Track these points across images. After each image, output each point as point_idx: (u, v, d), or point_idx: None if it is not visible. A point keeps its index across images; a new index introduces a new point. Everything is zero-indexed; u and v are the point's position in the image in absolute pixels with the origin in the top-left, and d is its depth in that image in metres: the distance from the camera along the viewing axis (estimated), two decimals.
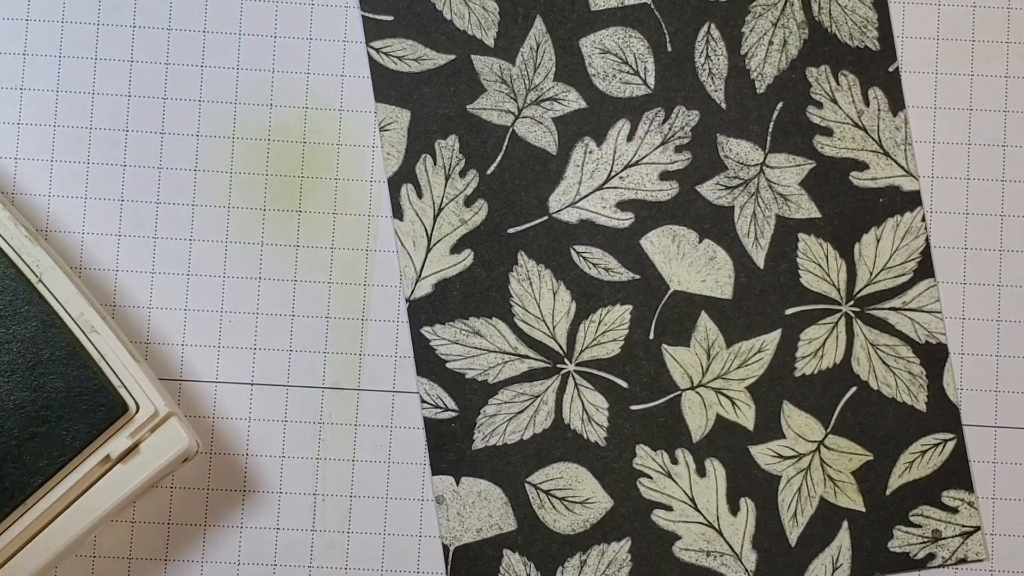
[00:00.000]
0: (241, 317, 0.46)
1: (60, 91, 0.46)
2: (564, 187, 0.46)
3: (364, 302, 0.46)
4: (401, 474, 0.45)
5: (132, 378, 0.42)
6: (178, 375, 0.46)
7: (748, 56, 0.46)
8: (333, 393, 0.46)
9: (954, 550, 0.45)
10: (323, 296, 0.46)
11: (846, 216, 0.46)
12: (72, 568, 0.45)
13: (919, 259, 0.46)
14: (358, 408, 0.45)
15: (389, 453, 0.45)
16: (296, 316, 0.46)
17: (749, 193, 0.46)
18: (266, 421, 0.45)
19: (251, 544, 0.45)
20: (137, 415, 0.42)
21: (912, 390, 0.45)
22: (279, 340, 0.46)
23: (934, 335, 0.46)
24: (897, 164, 0.46)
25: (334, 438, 0.45)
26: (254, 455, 0.45)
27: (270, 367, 0.46)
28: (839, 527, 0.45)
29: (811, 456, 0.45)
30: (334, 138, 0.46)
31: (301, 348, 0.46)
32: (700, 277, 0.46)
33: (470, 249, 0.46)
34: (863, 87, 0.46)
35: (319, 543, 0.45)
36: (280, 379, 0.46)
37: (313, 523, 0.45)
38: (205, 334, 0.46)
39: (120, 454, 0.42)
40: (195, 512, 0.45)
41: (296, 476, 0.45)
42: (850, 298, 0.46)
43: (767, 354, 0.46)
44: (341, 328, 0.46)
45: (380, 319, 0.46)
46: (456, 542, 0.45)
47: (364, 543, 0.45)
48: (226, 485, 0.45)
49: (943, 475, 0.45)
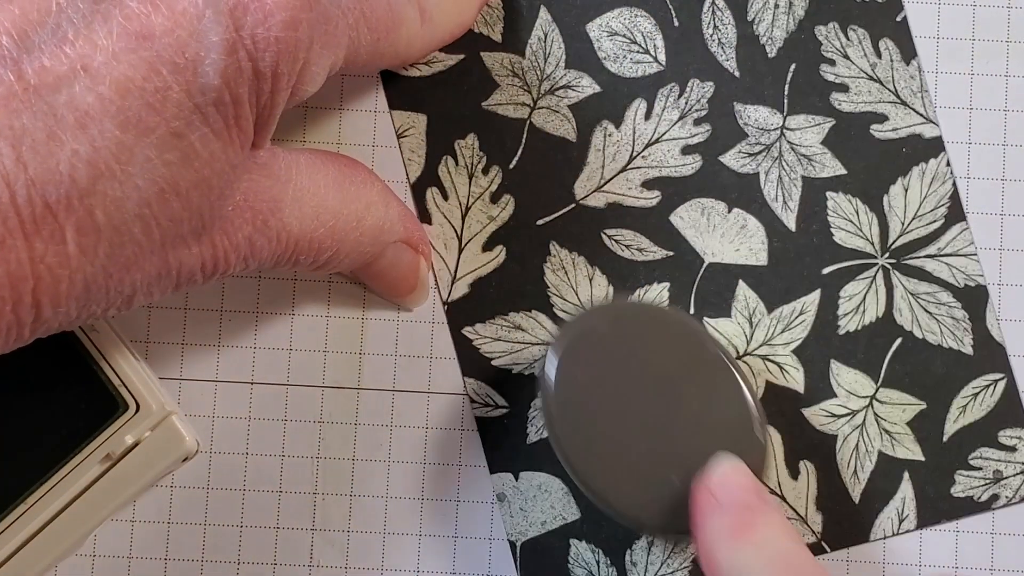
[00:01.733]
0: (241, 316, 0.46)
1: None
2: (588, 173, 0.46)
3: (364, 301, 0.46)
4: (401, 474, 0.45)
5: (132, 377, 0.42)
6: (178, 374, 0.45)
7: (755, 22, 0.46)
8: (333, 392, 0.45)
9: (1017, 488, 0.45)
10: (323, 295, 0.46)
11: (871, 169, 0.46)
12: (72, 568, 0.45)
13: (948, 204, 0.46)
14: (358, 407, 0.45)
15: (389, 452, 0.45)
16: (296, 315, 0.46)
17: (772, 158, 0.46)
18: (266, 420, 0.45)
19: (251, 544, 0.45)
20: (137, 414, 0.42)
21: (957, 334, 0.46)
22: (279, 339, 0.46)
23: (972, 278, 0.46)
24: (916, 112, 0.46)
25: (334, 437, 0.45)
26: (254, 454, 0.45)
27: (270, 366, 0.46)
28: (900, 479, 0.45)
29: (864, 412, 0.45)
30: (334, 138, 0.46)
31: (301, 347, 0.46)
32: (734, 247, 0.46)
33: (502, 245, 0.46)
34: (873, 40, 0.46)
35: (319, 543, 0.45)
36: (280, 378, 0.45)
37: (313, 523, 0.45)
38: (205, 333, 0.46)
39: (120, 453, 0.42)
40: (195, 512, 0.45)
41: (296, 476, 0.45)
42: (885, 250, 0.46)
43: (809, 316, 0.46)
44: (341, 327, 0.46)
45: (380, 319, 0.46)
46: (522, 537, 0.45)
47: (364, 543, 0.45)
48: (226, 485, 0.45)
49: (997, 415, 0.45)
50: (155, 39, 0.33)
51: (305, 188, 0.39)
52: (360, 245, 0.41)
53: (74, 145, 0.32)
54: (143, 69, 0.33)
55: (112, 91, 0.32)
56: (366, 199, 0.41)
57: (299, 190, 0.38)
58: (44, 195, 0.32)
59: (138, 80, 0.33)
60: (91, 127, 0.32)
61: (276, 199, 0.38)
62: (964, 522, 0.45)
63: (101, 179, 0.33)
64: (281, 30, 0.34)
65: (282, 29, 0.34)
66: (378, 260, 0.43)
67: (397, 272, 0.44)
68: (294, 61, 0.35)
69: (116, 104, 0.32)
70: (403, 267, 0.44)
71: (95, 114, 0.32)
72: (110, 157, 0.33)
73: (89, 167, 0.32)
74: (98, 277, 0.34)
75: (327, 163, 0.40)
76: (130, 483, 0.42)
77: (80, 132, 0.32)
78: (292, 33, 0.34)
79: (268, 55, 0.34)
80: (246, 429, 0.45)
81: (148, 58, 0.33)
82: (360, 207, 0.41)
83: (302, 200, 0.38)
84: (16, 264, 0.32)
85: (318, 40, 0.36)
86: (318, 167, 0.40)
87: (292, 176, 0.38)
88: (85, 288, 0.34)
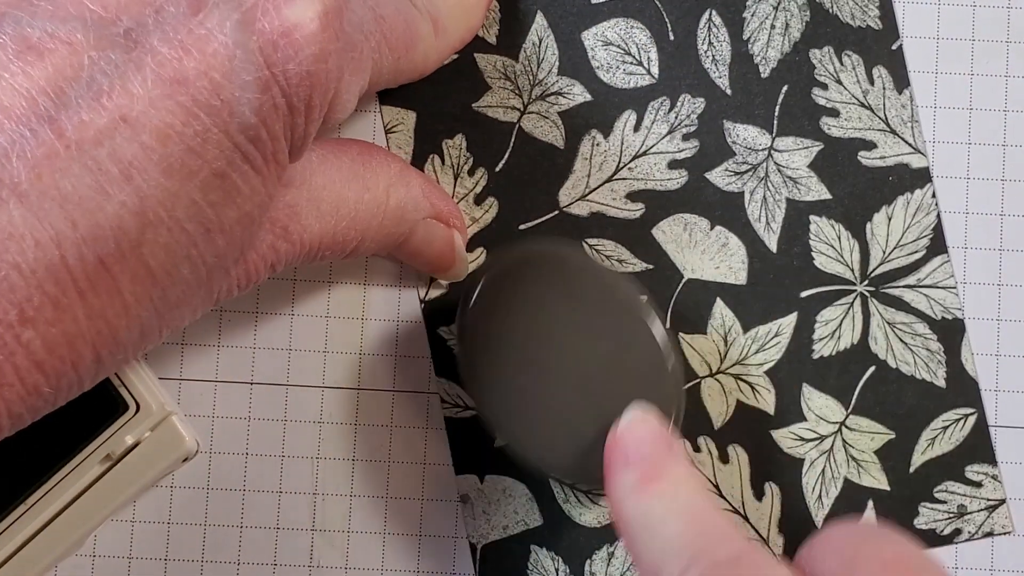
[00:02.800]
0: (241, 316, 0.46)
1: None
2: (573, 181, 0.46)
3: (364, 301, 0.46)
4: (401, 473, 0.45)
5: (131, 377, 0.42)
6: (178, 374, 0.46)
7: (751, 41, 0.46)
8: (333, 392, 0.45)
9: (980, 524, 0.45)
10: (323, 295, 0.46)
11: (856, 196, 0.46)
12: (72, 568, 0.45)
13: (931, 235, 0.46)
14: (358, 407, 0.45)
15: (389, 452, 0.45)
16: (296, 315, 0.46)
17: (758, 178, 0.46)
18: (266, 420, 0.45)
19: (251, 544, 0.45)
20: (137, 414, 0.42)
21: (931, 366, 0.46)
22: (279, 339, 0.46)
23: (950, 310, 0.46)
24: (905, 142, 0.46)
25: (334, 437, 0.45)
26: (254, 454, 0.45)
27: (270, 366, 0.46)
28: (865, 507, 0.45)
29: (833, 437, 0.45)
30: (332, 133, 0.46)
31: (301, 347, 0.46)
32: (714, 264, 0.46)
33: (482, 247, 0.46)
34: (867, 66, 0.46)
35: (319, 543, 0.45)
36: (280, 378, 0.46)
37: (313, 523, 0.45)
38: (205, 333, 0.46)
39: (120, 454, 0.42)
40: (195, 512, 0.45)
41: (296, 476, 0.45)
42: (864, 278, 0.46)
43: (784, 338, 0.46)
44: (341, 327, 0.46)
45: (380, 318, 0.46)
46: (484, 540, 0.45)
47: (364, 543, 0.45)
48: (226, 485, 0.45)
49: (966, 450, 0.45)
50: (190, 83, 0.33)
51: (320, 186, 0.39)
52: (385, 228, 0.41)
53: (121, 197, 0.32)
54: (181, 115, 0.33)
55: (153, 139, 0.32)
56: (385, 182, 0.41)
57: (314, 189, 0.39)
58: (96, 251, 0.32)
59: (177, 126, 0.33)
60: (136, 177, 0.32)
61: (293, 204, 0.38)
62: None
63: (150, 227, 0.32)
64: (312, 63, 0.34)
65: (313, 63, 0.34)
66: (410, 239, 0.42)
67: (432, 249, 0.43)
68: (326, 92, 0.35)
69: (158, 152, 0.32)
70: (438, 243, 0.43)
71: (139, 164, 0.32)
72: (157, 205, 0.32)
73: (138, 217, 0.32)
74: (152, 320, 0.34)
75: (340, 153, 0.40)
76: (130, 483, 0.42)
77: (126, 183, 0.32)
78: (323, 66, 0.34)
79: (301, 89, 0.34)
80: (246, 429, 0.45)
81: (185, 103, 0.33)
82: (379, 192, 0.41)
83: (319, 199, 0.39)
84: (72, 323, 0.32)
85: (347, 68, 0.36)
86: (331, 161, 0.40)
87: (307, 178, 0.38)
88: (140, 334, 0.34)
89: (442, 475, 0.45)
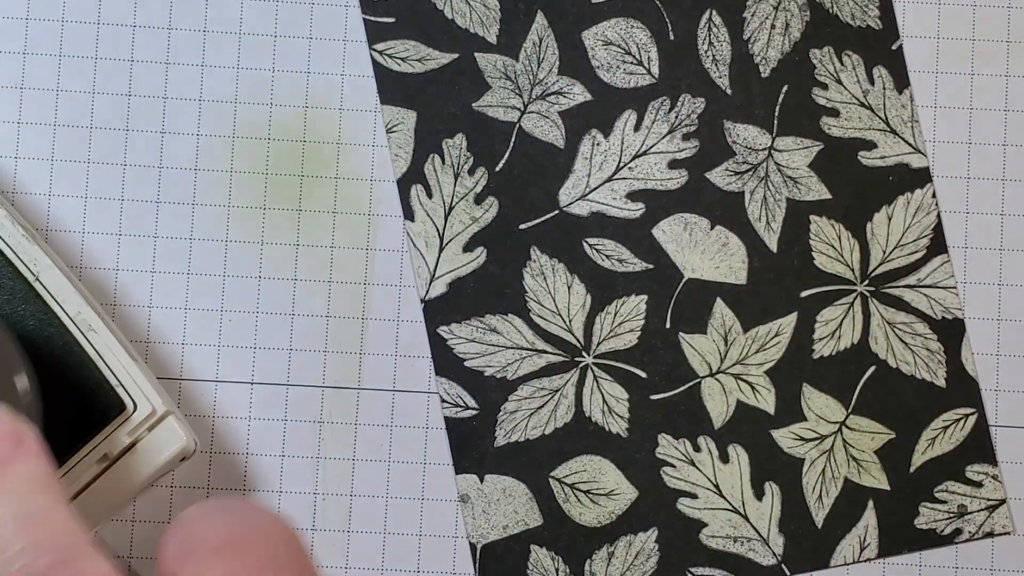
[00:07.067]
0: (241, 316, 0.45)
1: (60, 90, 0.46)
2: (573, 180, 0.46)
3: (364, 301, 0.45)
4: (401, 473, 0.45)
5: (129, 377, 0.42)
6: (178, 374, 0.45)
7: (751, 41, 0.46)
8: (333, 392, 0.45)
9: (980, 524, 0.45)
10: (323, 295, 0.45)
11: (856, 196, 0.46)
12: None
13: (931, 235, 0.46)
14: (358, 407, 0.45)
15: (389, 452, 0.45)
16: (296, 315, 0.45)
17: (759, 178, 0.46)
18: (266, 420, 0.45)
19: None
20: (135, 414, 0.41)
21: (931, 366, 0.46)
22: (279, 339, 0.45)
23: (950, 310, 0.46)
24: (905, 142, 0.46)
25: (334, 437, 0.45)
26: (254, 454, 0.45)
27: (270, 366, 0.45)
28: (865, 507, 0.45)
29: (833, 437, 0.45)
30: (334, 137, 0.46)
31: (301, 347, 0.45)
32: (714, 264, 0.46)
33: (483, 247, 0.45)
34: (867, 66, 0.46)
35: (319, 543, 0.44)
36: (280, 378, 0.45)
37: (313, 523, 0.45)
38: (205, 333, 0.45)
39: (118, 453, 0.41)
40: None
41: (296, 476, 0.45)
42: (864, 278, 0.46)
43: (784, 337, 0.46)
44: (341, 327, 0.45)
45: (380, 318, 0.45)
46: (483, 540, 0.44)
47: (364, 543, 0.45)
48: (226, 484, 0.45)
49: (966, 450, 0.45)
50: None
51: None
52: None
53: None
54: None
55: None
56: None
57: None
58: None
59: None
60: None
61: None
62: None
63: None
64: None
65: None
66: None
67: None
68: None
69: None
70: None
71: None
72: None
73: None
74: None
75: None
76: (128, 483, 0.41)
77: None
78: None
79: None
80: (246, 429, 0.45)
81: None
82: None
83: None
84: None
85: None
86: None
87: None
88: None
89: (442, 475, 0.45)
